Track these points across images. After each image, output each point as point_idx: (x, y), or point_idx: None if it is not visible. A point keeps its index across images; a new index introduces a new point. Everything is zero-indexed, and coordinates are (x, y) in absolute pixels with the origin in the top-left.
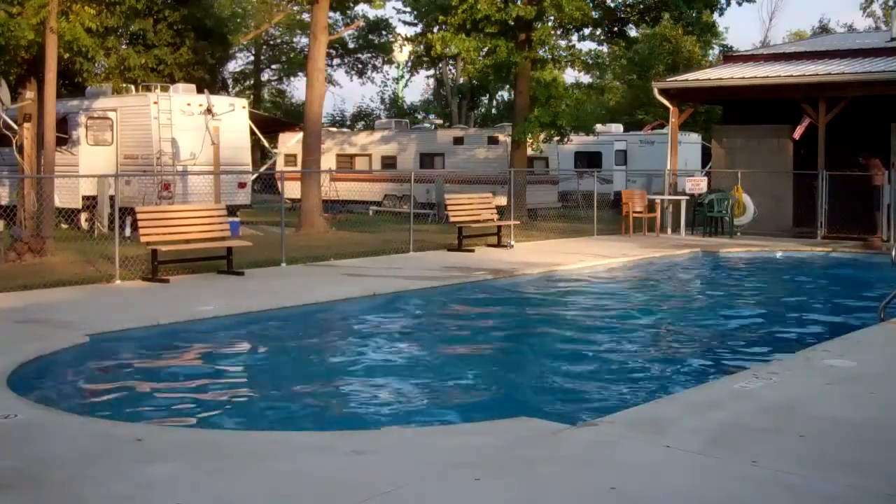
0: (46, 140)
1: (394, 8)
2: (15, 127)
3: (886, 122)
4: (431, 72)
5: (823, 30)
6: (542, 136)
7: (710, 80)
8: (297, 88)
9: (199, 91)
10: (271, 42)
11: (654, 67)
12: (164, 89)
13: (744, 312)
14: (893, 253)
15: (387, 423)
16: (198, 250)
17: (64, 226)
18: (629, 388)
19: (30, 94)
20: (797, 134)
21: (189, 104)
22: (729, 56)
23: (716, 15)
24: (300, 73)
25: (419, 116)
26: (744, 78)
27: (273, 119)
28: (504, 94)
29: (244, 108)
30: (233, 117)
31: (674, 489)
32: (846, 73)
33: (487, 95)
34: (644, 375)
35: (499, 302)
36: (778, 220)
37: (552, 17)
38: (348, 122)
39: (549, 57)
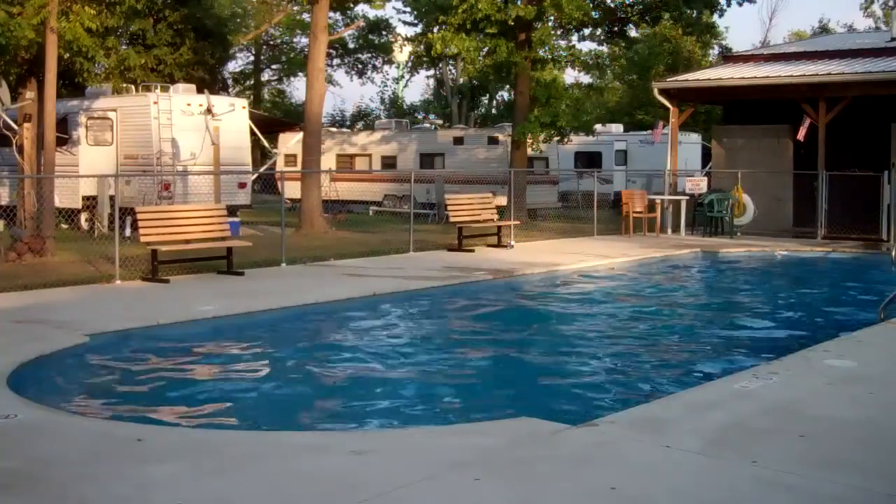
0: (46, 140)
1: (394, 8)
2: (15, 127)
3: (886, 122)
4: (431, 72)
5: (823, 30)
6: (542, 137)
7: (710, 80)
8: (297, 88)
9: (199, 91)
10: (271, 42)
11: (654, 67)
12: (164, 89)
13: (743, 312)
14: (893, 253)
15: (386, 423)
16: (198, 250)
17: (64, 226)
18: (629, 387)
19: (30, 94)
20: (801, 135)
21: (189, 104)
22: (729, 56)
23: (716, 15)
24: (300, 73)
25: (419, 116)
26: (744, 78)
27: (273, 119)
28: (504, 94)
29: (244, 108)
30: (233, 117)
31: (674, 489)
32: (846, 73)
33: (487, 95)
34: (644, 375)
35: (498, 302)
36: (778, 221)
37: (552, 17)
38: (348, 122)
39: (549, 57)
